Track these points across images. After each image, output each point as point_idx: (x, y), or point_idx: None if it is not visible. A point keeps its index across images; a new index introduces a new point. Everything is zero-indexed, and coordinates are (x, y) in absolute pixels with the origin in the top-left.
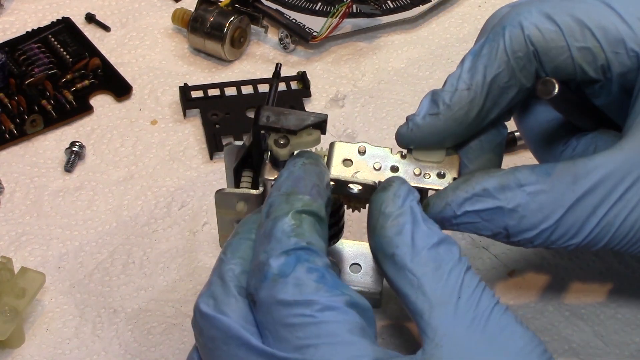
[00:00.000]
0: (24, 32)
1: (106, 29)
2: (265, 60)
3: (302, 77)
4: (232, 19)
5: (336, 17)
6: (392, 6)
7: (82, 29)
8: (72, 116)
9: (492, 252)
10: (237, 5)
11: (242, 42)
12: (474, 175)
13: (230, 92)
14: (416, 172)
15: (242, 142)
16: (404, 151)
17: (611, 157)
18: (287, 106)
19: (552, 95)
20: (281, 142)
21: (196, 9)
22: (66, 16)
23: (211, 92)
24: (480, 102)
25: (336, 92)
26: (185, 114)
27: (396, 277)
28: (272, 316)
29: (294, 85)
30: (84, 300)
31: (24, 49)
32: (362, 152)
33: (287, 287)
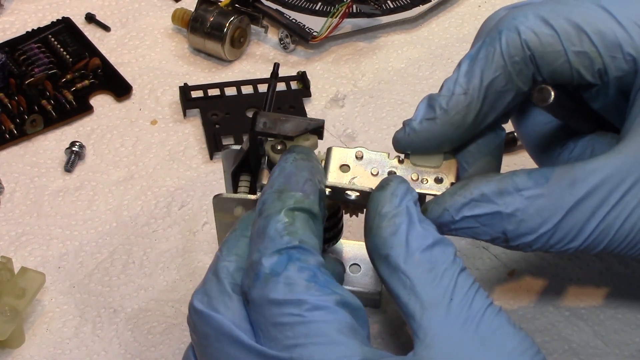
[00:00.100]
0: (24, 32)
1: (106, 29)
2: (265, 60)
3: (302, 77)
4: (232, 19)
5: (336, 17)
6: (392, 6)
7: (82, 29)
8: (72, 116)
9: (492, 252)
10: (237, 5)
11: (242, 42)
12: (471, 180)
13: (230, 92)
14: (414, 177)
15: (239, 146)
16: (402, 156)
17: (609, 161)
18: (287, 106)
19: (548, 102)
20: (278, 147)
21: (196, 9)
22: (66, 16)
23: (211, 92)
24: (477, 107)
25: (336, 92)
26: (185, 114)
27: (389, 279)
28: (263, 315)
29: (294, 85)
30: (84, 300)
31: (24, 49)
32: (359, 157)
33: (278, 286)
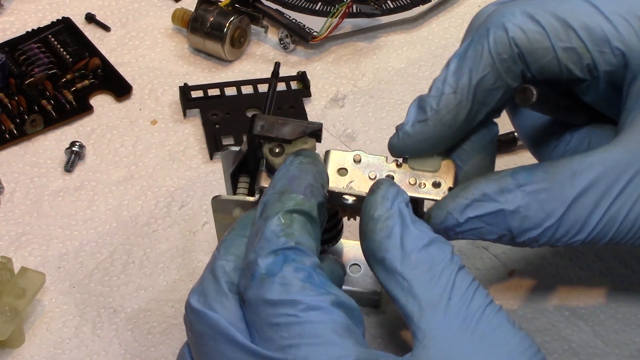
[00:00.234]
0: (24, 32)
1: (106, 29)
2: (265, 60)
3: (302, 77)
4: (232, 19)
5: (336, 17)
6: (392, 6)
7: (82, 29)
8: (72, 116)
9: (491, 251)
10: (237, 5)
11: (242, 42)
12: (471, 182)
13: (230, 92)
14: (411, 182)
15: (239, 148)
16: (400, 160)
17: (608, 154)
18: (287, 106)
19: (531, 102)
20: (276, 150)
21: (196, 9)
22: (66, 16)
23: (211, 92)
24: (468, 105)
25: (336, 92)
26: (185, 114)
27: (387, 282)
28: (259, 315)
29: (294, 85)
30: (84, 300)
31: (24, 49)
32: (357, 161)
33: (273, 286)
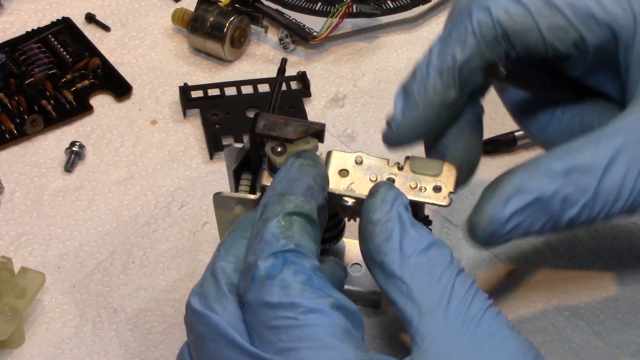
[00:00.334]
0: (24, 32)
1: (106, 29)
2: (265, 60)
3: (302, 77)
4: (232, 19)
5: (336, 17)
6: (392, 6)
7: (82, 29)
8: (72, 116)
9: (492, 251)
10: (237, 5)
11: (242, 42)
12: (501, 180)
13: (230, 92)
14: (412, 185)
15: (242, 145)
16: (401, 163)
17: (626, 120)
18: (287, 106)
19: (502, 78)
20: (278, 149)
21: (196, 9)
22: (66, 16)
23: (211, 92)
24: (453, 86)
25: (336, 92)
26: (185, 114)
27: (386, 285)
28: (258, 318)
29: (294, 85)
30: (84, 300)
31: (24, 49)
32: (358, 163)
33: (273, 289)
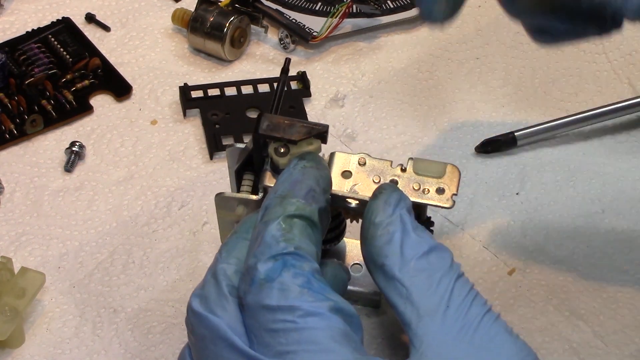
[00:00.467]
0: (24, 32)
1: (106, 29)
2: (265, 60)
3: (302, 77)
4: (232, 19)
5: (336, 17)
6: (392, 6)
7: (82, 29)
8: (72, 116)
9: (492, 250)
10: (237, 5)
11: (242, 42)
12: None
13: (230, 92)
14: (415, 187)
15: (244, 145)
16: (404, 165)
17: None
18: (287, 106)
19: None
20: (281, 150)
21: (196, 9)
22: (66, 16)
23: (211, 92)
24: None
25: (336, 92)
26: (185, 114)
27: (386, 287)
28: (257, 320)
29: (294, 85)
30: (84, 300)
31: (24, 49)
32: (361, 164)
33: (272, 292)
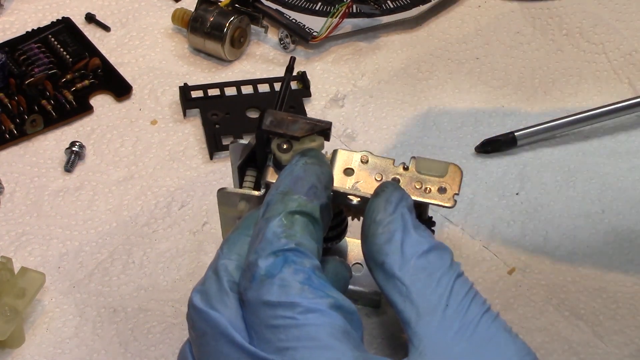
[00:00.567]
0: (24, 32)
1: (106, 29)
2: (265, 60)
3: (302, 77)
4: (232, 19)
5: (336, 17)
6: (392, 6)
7: (82, 29)
8: (72, 116)
9: (491, 250)
10: (237, 5)
11: (242, 42)
12: None
13: (230, 92)
14: (417, 186)
15: (247, 141)
16: (407, 163)
17: None
18: (287, 106)
19: None
20: (284, 147)
21: (196, 9)
22: (66, 16)
23: (211, 92)
24: None
25: (336, 92)
26: (185, 114)
27: (386, 286)
28: (258, 316)
29: (294, 85)
30: (84, 300)
31: (24, 49)
32: (364, 162)
33: (272, 288)
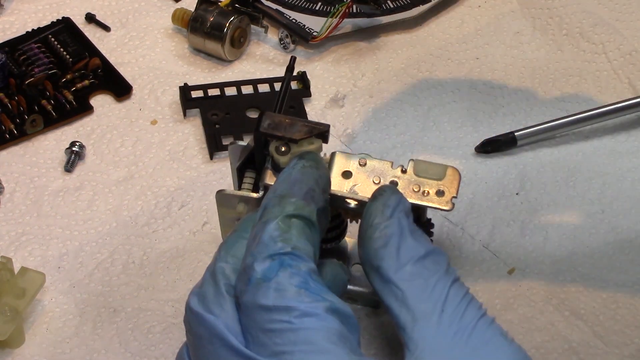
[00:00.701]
0: (24, 32)
1: (106, 29)
2: (265, 60)
3: (302, 77)
4: (232, 19)
5: (336, 17)
6: (392, 6)
7: (82, 29)
8: (72, 116)
9: (491, 250)
10: (237, 5)
11: (242, 42)
12: None
13: (230, 92)
14: (415, 189)
15: (246, 142)
16: (405, 166)
17: None
18: (287, 106)
19: None
20: (282, 149)
21: (196, 9)
22: (66, 16)
23: (211, 92)
24: None
25: (336, 92)
26: (185, 114)
27: (381, 290)
28: (253, 320)
29: (294, 85)
30: (84, 299)
31: (24, 49)
32: (362, 165)
33: (268, 292)
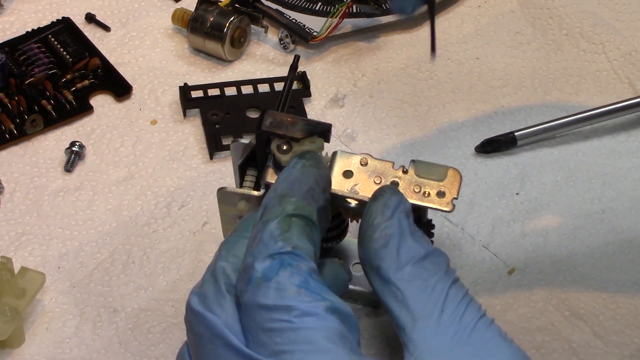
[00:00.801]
0: (24, 32)
1: (106, 29)
2: (265, 60)
3: (302, 77)
4: (232, 19)
5: (336, 17)
6: None
7: (82, 29)
8: (72, 116)
9: (491, 250)
10: (237, 5)
11: (242, 42)
12: None
13: (230, 92)
14: (416, 190)
15: (248, 140)
16: (406, 166)
17: None
18: (287, 106)
19: None
20: (284, 148)
21: (196, 9)
22: (66, 16)
23: (211, 92)
24: None
25: (336, 92)
26: (185, 114)
27: (381, 290)
28: (254, 319)
29: (294, 85)
30: (84, 299)
31: (24, 49)
32: (363, 164)
33: (269, 291)
